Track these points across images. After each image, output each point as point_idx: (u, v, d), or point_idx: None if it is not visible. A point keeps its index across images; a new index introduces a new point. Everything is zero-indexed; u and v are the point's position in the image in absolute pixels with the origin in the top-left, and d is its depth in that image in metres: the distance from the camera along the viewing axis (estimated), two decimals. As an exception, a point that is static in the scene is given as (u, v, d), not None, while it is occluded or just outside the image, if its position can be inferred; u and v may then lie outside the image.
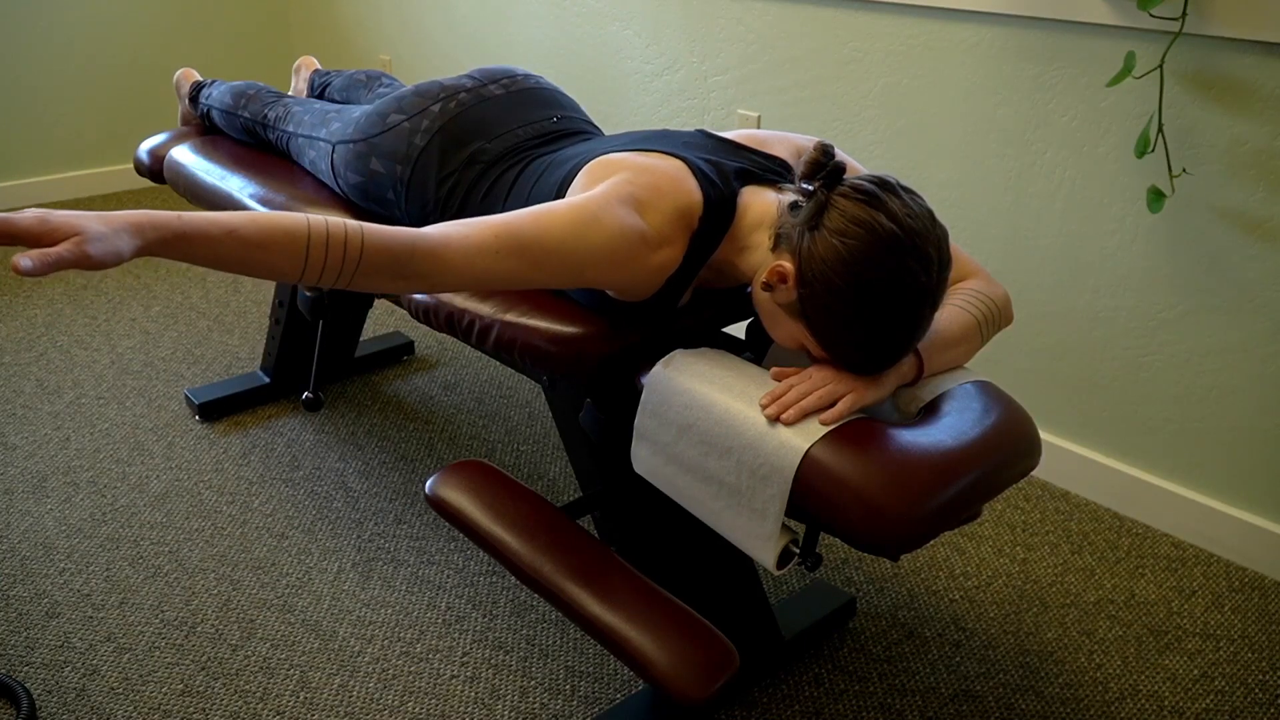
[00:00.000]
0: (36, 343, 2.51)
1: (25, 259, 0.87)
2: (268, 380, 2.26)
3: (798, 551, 1.11)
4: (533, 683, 1.51)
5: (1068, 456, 2.00)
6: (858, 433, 1.04)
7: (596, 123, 2.79)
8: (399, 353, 2.48)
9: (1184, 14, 1.59)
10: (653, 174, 1.18)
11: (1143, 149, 1.66)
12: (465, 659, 1.56)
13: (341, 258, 1.01)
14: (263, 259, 0.99)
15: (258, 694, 1.48)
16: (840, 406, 1.07)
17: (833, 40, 2.15)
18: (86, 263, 0.90)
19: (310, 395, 1.79)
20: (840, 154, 1.26)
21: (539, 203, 1.32)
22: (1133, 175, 1.78)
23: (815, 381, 1.09)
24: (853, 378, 1.09)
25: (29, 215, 0.90)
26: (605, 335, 1.23)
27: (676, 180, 1.18)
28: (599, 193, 1.15)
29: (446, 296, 1.37)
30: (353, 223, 1.03)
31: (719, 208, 1.19)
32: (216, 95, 1.96)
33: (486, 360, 2.49)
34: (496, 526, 1.21)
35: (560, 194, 1.27)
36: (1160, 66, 1.64)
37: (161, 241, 0.95)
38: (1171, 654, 1.60)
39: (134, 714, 1.44)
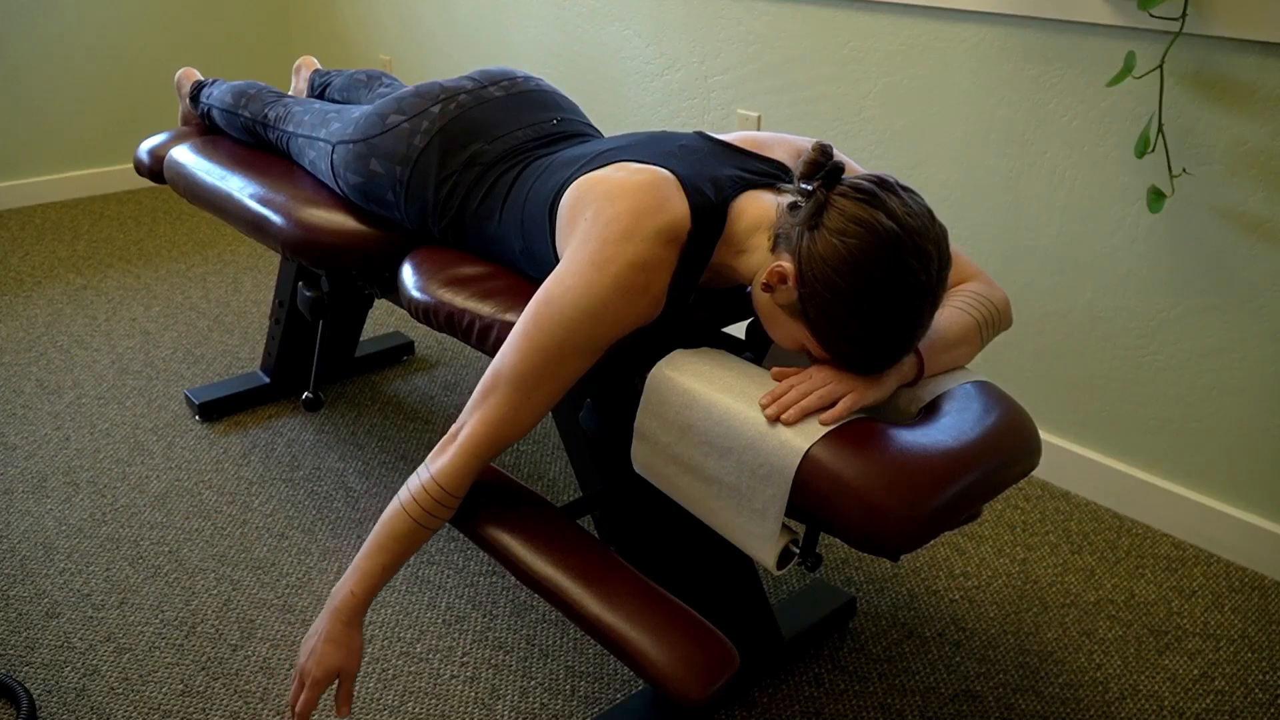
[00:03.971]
0: (36, 343, 2.51)
1: None
2: (268, 380, 2.26)
3: (798, 551, 1.11)
4: (533, 683, 1.51)
5: (1068, 456, 2.00)
6: (858, 433, 1.04)
7: (596, 123, 2.80)
8: (399, 353, 2.48)
9: (1184, 14, 1.59)
10: (632, 198, 1.16)
11: (1143, 149, 1.66)
12: (465, 659, 1.56)
13: (442, 507, 1.18)
14: (412, 550, 1.20)
15: (258, 694, 1.48)
16: (840, 406, 1.07)
17: (833, 40, 2.15)
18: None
19: (310, 395, 1.79)
20: (839, 154, 1.26)
21: (534, 208, 1.32)
22: (1133, 175, 1.78)
23: (815, 381, 1.09)
24: (853, 378, 1.09)
25: (310, 692, 1.18)
26: (605, 335, 1.23)
27: (659, 198, 1.16)
28: (570, 269, 1.15)
29: (446, 296, 1.37)
30: (425, 475, 1.17)
31: (708, 217, 1.18)
32: (217, 95, 1.96)
33: (486, 360, 2.49)
34: (496, 526, 1.21)
35: (551, 214, 1.27)
36: (1160, 66, 1.64)
37: (364, 612, 1.21)
38: (1171, 654, 1.60)
39: (134, 714, 1.44)
